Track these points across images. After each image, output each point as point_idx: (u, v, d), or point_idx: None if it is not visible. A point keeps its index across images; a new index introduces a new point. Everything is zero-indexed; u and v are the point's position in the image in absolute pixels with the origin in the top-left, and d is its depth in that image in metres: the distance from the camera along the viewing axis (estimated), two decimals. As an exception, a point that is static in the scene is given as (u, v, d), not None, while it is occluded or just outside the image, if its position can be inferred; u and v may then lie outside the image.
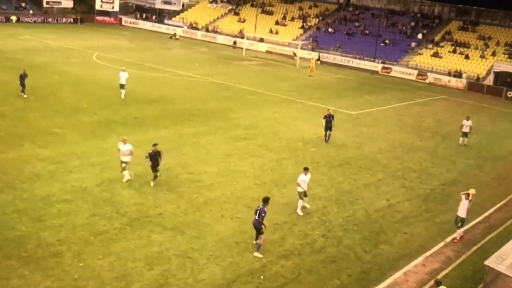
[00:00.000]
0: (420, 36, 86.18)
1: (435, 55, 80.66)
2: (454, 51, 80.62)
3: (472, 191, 25.57)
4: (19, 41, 74.13)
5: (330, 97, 56.14)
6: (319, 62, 78.35)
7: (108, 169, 29.10)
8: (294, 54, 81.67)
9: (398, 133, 43.87)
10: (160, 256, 20.82)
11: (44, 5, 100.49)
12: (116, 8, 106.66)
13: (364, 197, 29.22)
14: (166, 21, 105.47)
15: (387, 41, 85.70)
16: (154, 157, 27.43)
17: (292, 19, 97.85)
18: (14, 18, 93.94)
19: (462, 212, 24.91)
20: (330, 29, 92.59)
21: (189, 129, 38.51)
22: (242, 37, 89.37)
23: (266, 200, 22.25)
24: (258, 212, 21.94)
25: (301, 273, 20.76)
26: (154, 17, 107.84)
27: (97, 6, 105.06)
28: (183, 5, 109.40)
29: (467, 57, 78.62)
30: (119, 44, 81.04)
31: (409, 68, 79.18)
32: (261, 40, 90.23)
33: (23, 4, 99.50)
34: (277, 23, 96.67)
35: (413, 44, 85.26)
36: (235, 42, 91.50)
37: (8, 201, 23.85)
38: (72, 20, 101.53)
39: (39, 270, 19.16)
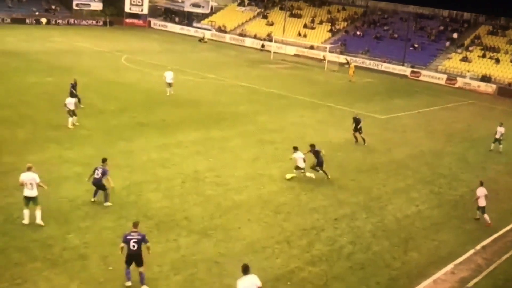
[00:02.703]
0: (455, 35, 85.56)
1: (464, 59, 79.74)
2: (484, 56, 79.68)
3: None
4: (49, 43, 74.78)
5: (359, 101, 55.63)
6: (347, 66, 77.73)
7: (135, 172, 29.09)
8: (324, 57, 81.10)
9: (428, 138, 43.32)
10: (186, 260, 20.67)
11: (74, 7, 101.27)
12: (145, 11, 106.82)
13: (393, 203, 28.83)
14: (194, 24, 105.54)
15: (416, 45, 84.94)
16: (99, 180, 24.50)
17: (321, 22, 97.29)
18: (44, 20, 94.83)
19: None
20: (358, 33, 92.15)
21: (217, 132, 38.42)
22: (270, 40, 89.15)
23: None
24: None
25: (328, 280, 20.46)
26: (186, 21, 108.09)
27: (127, 9, 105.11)
28: (211, 9, 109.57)
29: (497, 61, 77.67)
30: (148, 47, 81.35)
31: (438, 73, 78.30)
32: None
33: (53, 7, 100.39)
34: (305, 26, 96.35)
35: (447, 43, 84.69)
36: (263, 45, 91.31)
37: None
38: (101, 22, 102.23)
39: (65, 272, 19.13)
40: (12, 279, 18.42)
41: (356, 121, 38.86)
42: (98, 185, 24.53)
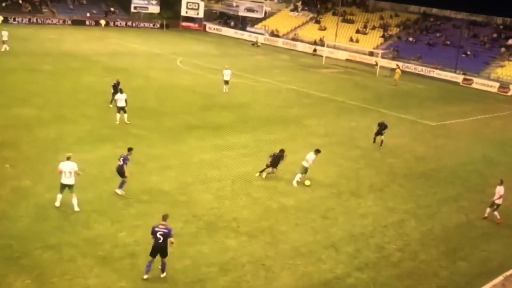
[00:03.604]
0: (510, 41, 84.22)
1: (518, 68, 78.47)
2: (538, 64, 78.30)
3: None
4: (107, 44, 76.44)
5: (410, 107, 55.12)
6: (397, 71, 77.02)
7: (187, 172, 29.47)
8: (376, 63, 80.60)
9: (479, 146, 42.72)
10: (234, 262, 20.87)
11: (132, 10, 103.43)
12: (201, 15, 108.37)
13: (442, 211, 28.57)
14: (248, 28, 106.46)
15: (468, 52, 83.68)
16: (121, 167, 25.51)
17: (373, 28, 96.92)
18: (103, 22, 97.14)
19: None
20: (411, 39, 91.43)
21: (267, 135, 38.50)
22: (322, 45, 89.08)
23: None
24: None
25: (375, 287, 20.45)
26: (240, 25, 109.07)
27: (183, 12, 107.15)
28: (265, 13, 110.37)
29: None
30: (203, 50, 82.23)
31: (490, 80, 76.94)
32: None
33: (112, 9, 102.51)
34: (357, 31, 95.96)
35: (502, 50, 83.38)
36: (315, 50, 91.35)
37: (88, 200, 24.31)
38: (158, 25, 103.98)
39: (115, 270, 19.50)
40: (63, 274, 18.85)
41: (380, 126, 38.95)
42: (120, 172, 25.35)
